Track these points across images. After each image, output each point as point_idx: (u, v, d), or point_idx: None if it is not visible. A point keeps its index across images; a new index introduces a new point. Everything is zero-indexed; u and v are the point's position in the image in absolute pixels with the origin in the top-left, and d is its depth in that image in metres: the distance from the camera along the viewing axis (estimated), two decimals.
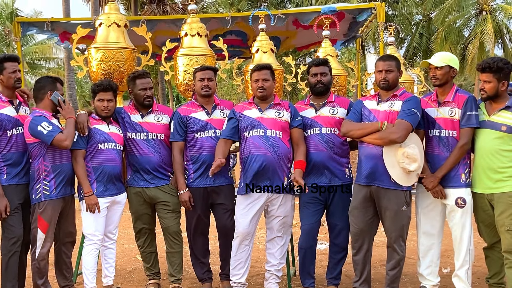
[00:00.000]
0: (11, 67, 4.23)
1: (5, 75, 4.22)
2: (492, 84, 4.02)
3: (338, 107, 4.50)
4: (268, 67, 4.53)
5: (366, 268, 4.32)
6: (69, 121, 4.26)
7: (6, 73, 4.22)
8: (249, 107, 4.48)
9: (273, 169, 4.30)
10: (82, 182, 4.34)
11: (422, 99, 4.30)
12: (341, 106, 4.51)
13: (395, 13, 27.33)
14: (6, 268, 4.25)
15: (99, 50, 4.94)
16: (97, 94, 4.45)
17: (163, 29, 7.63)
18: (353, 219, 4.27)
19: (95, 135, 4.40)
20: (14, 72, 4.23)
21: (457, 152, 4.06)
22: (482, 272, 4.99)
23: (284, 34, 9.13)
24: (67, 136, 4.16)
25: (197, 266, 4.80)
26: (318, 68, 4.51)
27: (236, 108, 4.54)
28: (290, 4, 29.72)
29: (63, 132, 4.18)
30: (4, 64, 4.22)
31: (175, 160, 4.57)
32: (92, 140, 4.40)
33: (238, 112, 4.47)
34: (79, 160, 4.34)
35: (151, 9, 27.11)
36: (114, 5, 5.19)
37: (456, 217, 4.12)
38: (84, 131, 4.33)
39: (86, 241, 4.44)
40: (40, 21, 8.03)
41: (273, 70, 4.58)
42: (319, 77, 4.49)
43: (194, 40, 5.27)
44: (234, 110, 4.51)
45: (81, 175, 4.34)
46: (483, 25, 25.33)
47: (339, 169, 4.42)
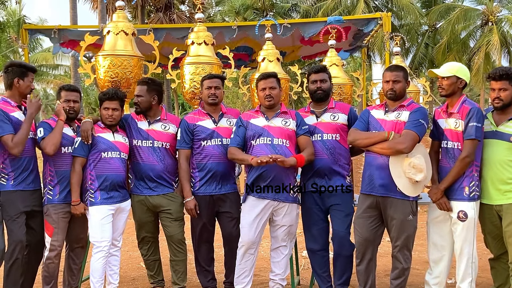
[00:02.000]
0: (31, 77, 4.36)
1: (25, 82, 4.32)
2: (509, 91, 4.02)
3: (339, 113, 4.51)
4: (274, 75, 4.54)
5: (370, 278, 4.30)
6: (57, 123, 4.36)
7: (27, 81, 4.33)
8: (256, 116, 4.48)
9: (279, 178, 4.29)
10: (72, 189, 4.36)
11: (436, 110, 4.32)
12: (341, 112, 4.51)
13: (400, 23, 27.36)
14: (8, 275, 4.25)
15: (106, 58, 4.98)
16: (103, 103, 4.48)
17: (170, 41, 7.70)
18: (358, 228, 4.27)
19: (98, 144, 4.41)
20: (32, 81, 4.38)
21: (459, 164, 4.02)
22: (487, 283, 4.97)
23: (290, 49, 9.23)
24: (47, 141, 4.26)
25: (202, 274, 4.79)
26: (317, 75, 4.53)
27: (243, 116, 4.54)
28: (296, 14, 29.81)
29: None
30: (28, 72, 4.34)
31: (182, 167, 4.57)
32: (95, 148, 4.41)
33: (245, 121, 4.46)
34: (76, 167, 4.36)
35: (158, 17, 27.20)
36: (122, 13, 5.24)
37: (458, 229, 4.09)
38: (88, 139, 4.34)
39: (94, 249, 4.43)
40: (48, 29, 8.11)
41: (279, 78, 4.59)
42: (319, 84, 4.50)
43: (200, 49, 5.31)
44: (241, 118, 4.51)
45: (74, 183, 4.35)
46: (489, 35, 25.37)
47: (339, 176, 4.42)
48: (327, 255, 4.58)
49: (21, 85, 4.30)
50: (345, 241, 4.42)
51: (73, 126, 4.51)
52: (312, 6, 28.80)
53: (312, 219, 4.51)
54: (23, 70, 4.32)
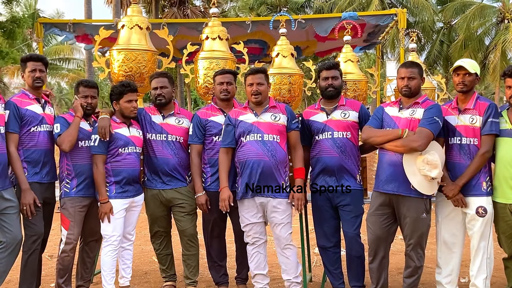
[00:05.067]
0: (31, 66, 4.31)
1: (26, 73, 4.32)
2: None
3: (350, 110, 4.44)
4: (263, 70, 4.49)
5: (383, 276, 4.29)
6: (74, 120, 4.35)
7: (26, 71, 4.31)
8: (244, 112, 4.42)
9: (270, 174, 4.25)
10: (99, 188, 4.34)
11: (442, 107, 4.25)
12: (352, 109, 4.45)
13: (415, 20, 27.16)
14: (25, 266, 4.31)
15: (121, 52, 4.99)
16: (125, 95, 4.41)
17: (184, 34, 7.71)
18: (370, 225, 4.25)
19: (117, 140, 4.40)
20: (34, 71, 4.30)
21: (478, 159, 4.01)
22: (501, 283, 4.92)
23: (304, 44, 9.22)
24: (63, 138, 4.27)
25: (214, 269, 4.81)
26: (329, 72, 4.46)
27: (231, 114, 4.47)
28: (310, 9, 29.72)
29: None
30: (26, 63, 4.31)
31: (193, 162, 4.56)
32: (113, 144, 4.39)
33: (234, 118, 4.41)
34: (99, 166, 4.33)
35: (172, 12, 27.26)
36: (137, 7, 5.24)
37: (476, 226, 4.06)
38: (106, 136, 4.30)
39: (104, 242, 4.46)
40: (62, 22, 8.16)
41: (267, 73, 4.54)
42: (330, 81, 4.43)
43: (215, 44, 5.30)
44: (229, 117, 4.45)
45: (99, 182, 4.32)
46: (505, 33, 25.10)
47: (351, 173, 4.37)
48: (339, 252, 4.56)
49: (24, 77, 4.34)
50: (354, 242, 4.40)
51: (90, 120, 4.52)
52: (325, 2, 28.68)
53: (322, 216, 4.48)
54: (21, 63, 4.37)
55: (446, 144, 4.22)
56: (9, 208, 4.06)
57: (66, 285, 4.44)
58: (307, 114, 4.58)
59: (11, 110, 4.15)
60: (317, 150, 4.43)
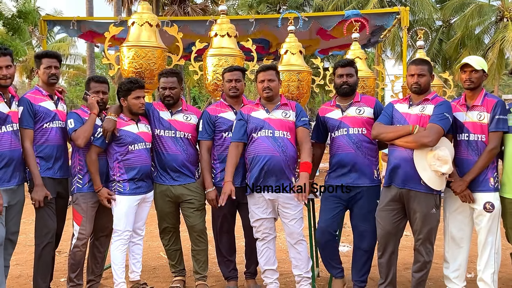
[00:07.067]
0: (46, 63, 4.34)
1: (41, 70, 4.35)
2: None
3: (365, 106, 4.46)
4: (274, 67, 4.54)
5: (392, 271, 4.32)
6: (90, 116, 4.38)
7: (41, 68, 4.35)
8: (256, 108, 4.48)
9: (280, 169, 4.30)
10: (93, 178, 4.39)
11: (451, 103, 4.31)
12: (367, 105, 4.47)
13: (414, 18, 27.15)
14: (39, 258, 4.34)
15: (131, 49, 5.02)
16: (133, 92, 4.46)
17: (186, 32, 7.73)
18: (380, 220, 4.27)
19: (125, 138, 4.44)
20: (49, 67, 4.34)
21: (486, 156, 4.06)
22: (507, 278, 4.98)
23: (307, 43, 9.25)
24: (79, 133, 4.30)
25: (223, 264, 4.85)
26: (344, 69, 4.49)
27: (243, 109, 4.53)
28: (309, 8, 29.70)
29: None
30: (41, 60, 4.35)
31: (203, 158, 4.60)
32: (122, 142, 4.44)
33: (246, 114, 4.47)
34: (93, 156, 4.38)
35: (172, 10, 27.23)
36: (147, 4, 5.28)
37: (483, 221, 4.10)
38: (108, 138, 4.39)
39: (114, 237, 4.50)
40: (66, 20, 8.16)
41: (278, 70, 4.59)
42: (345, 78, 4.46)
43: (223, 41, 5.32)
44: (241, 112, 4.51)
45: (93, 172, 4.38)
46: (504, 32, 25.09)
47: (367, 169, 4.38)
48: (335, 243, 4.52)
49: (39, 74, 4.38)
50: (366, 234, 4.39)
51: (101, 116, 4.55)
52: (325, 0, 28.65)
53: (328, 204, 4.45)
54: (35, 60, 4.41)
55: (454, 140, 4.26)
56: (14, 205, 4.09)
57: (78, 280, 4.47)
58: (322, 111, 4.62)
59: (25, 106, 4.19)
60: (335, 147, 4.46)
